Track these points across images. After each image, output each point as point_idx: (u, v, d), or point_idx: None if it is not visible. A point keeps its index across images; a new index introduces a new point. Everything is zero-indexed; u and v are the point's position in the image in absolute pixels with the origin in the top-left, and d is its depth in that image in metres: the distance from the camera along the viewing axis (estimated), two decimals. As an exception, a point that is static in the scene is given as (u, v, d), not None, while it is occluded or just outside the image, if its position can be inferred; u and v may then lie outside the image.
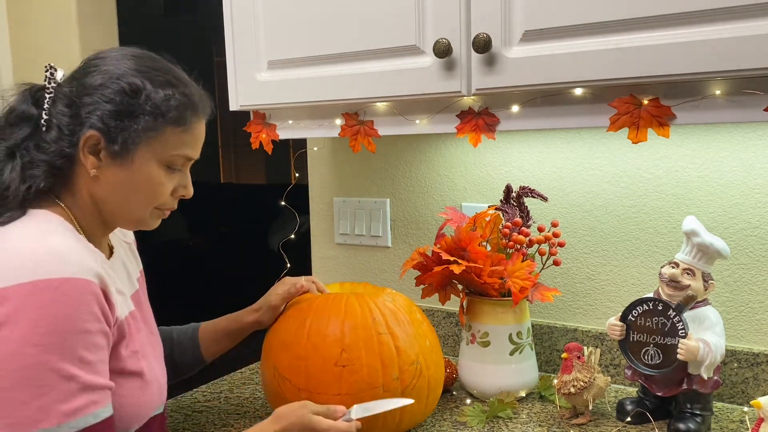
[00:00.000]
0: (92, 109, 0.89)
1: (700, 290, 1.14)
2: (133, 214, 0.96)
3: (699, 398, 1.15)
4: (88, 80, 0.91)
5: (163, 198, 0.96)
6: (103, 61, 0.93)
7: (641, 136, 1.01)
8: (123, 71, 0.91)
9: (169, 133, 0.92)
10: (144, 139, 0.91)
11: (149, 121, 0.90)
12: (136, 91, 0.90)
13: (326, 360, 1.08)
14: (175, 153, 0.94)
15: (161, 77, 0.93)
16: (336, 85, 1.24)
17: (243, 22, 1.33)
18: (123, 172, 0.91)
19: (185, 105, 0.94)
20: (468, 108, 1.15)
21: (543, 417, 1.25)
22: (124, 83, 0.90)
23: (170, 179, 0.96)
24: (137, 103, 0.90)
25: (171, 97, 0.92)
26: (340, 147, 1.69)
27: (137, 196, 0.94)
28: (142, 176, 0.92)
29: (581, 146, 1.40)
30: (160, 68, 0.95)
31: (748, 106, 0.93)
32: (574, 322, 1.46)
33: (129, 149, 0.90)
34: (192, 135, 0.96)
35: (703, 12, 0.91)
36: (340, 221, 1.71)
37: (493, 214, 1.35)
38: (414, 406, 1.11)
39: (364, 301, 1.15)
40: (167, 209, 0.99)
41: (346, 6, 1.20)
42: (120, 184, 0.92)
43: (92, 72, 0.92)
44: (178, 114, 0.92)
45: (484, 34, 1.05)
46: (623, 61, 0.97)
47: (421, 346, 1.14)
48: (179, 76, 0.96)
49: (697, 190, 1.30)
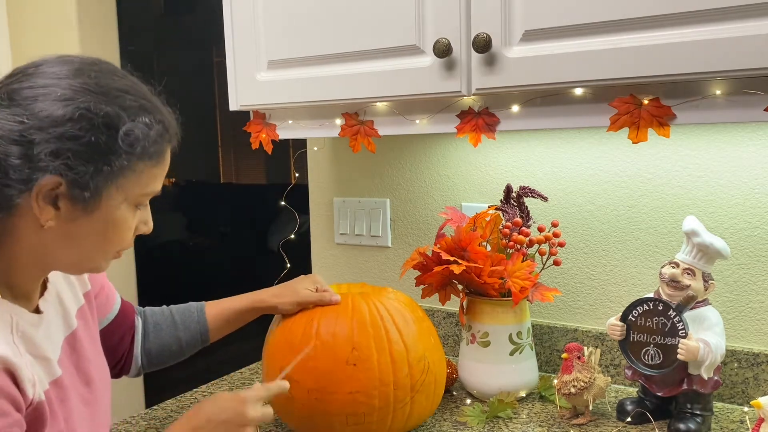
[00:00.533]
0: (53, 149, 0.72)
1: (700, 290, 1.14)
2: (90, 262, 0.82)
3: (699, 398, 1.15)
4: (38, 107, 0.72)
5: (127, 241, 0.84)
6: (51, 79, 0.74)
7: (641, 136, 1.01)
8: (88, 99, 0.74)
9: (141, 168, 0.79)
10: (114, 179, 0.76)
11: (126, 161, 0.76)
12: (112, 125, 0.74)
13: (337, 359, 1.08)
14: (146, 191, 0.82)
15: (135, 101, 0.78)
16: (336, 85, 1.24)
17: (243, 22, 1.33)
18: (89, 219, 0.77)
19: (162, 135, 0.80)
20: (468, 108, 1.15)
21: (543, 417, 1.25)
22: (95, 116, 0.73)
23: (134, 218, 0.83)
24: (114, 141, 0.74)
25: (151, 126, 0.78)
26: (340, 147, 1.69)
27: (102, 243, 0.80)
28: (110, 222, 0.79)
29: (581, 146, 1.40)
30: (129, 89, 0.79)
31: (748, 106, 0.93)
32: (574, 322, 1.46)
33: (99, 194, 0.76)
34: (163, 167, 0.83)
35: (703, 12, 0.91)
36: (340, 221, 1.71)
37: (493, 214, 1.35)
38: (423, 402, 1.13)
39: (370, 300, 1.15)
40: (125, 249, 0.86)
41: (346, 6, 1.20)
42: (83, 233, 0.78)
43: (40, 94, 0.73)
44: (156, 148, 0.79)
45: (484, 33, 1.05)
46: (623, 61, 0.97)
47: (426, 342, 1.15)
48: (149, 97, 0.82)
49: (697, 190, 1.30)
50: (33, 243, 0.78)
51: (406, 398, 1.10)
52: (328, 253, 1.76)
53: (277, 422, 1.25)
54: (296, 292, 1.17)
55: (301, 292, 1.17)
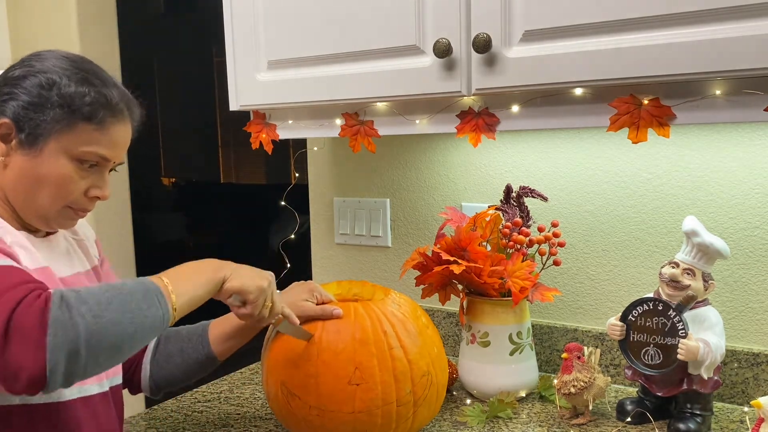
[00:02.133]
0: (8, 98, 0.92)
1: (700, 290, 1.14)
2: (39, 208, 0.95)
3: (699, 398, 1.15)
4: (13, 73, 0.94)
5: (72, 195, 0.95)
6: (37, 58, 0.95)
7: (641, 136, 1.01)
8: (47, 68, 0.93)
9: (81, 128, 0.93)
10: (54, 131, 0.92)
11: (59, 114, 0.92)
12: (51, 84, 0.92)
13: (339, 378, 1.05)
14: (86, 149, 0.94)
15: (81, 75, 0.94)
16: (336, 85, 1.24)
17: (243, 22, 1.33)
18: (30, 161, 0.93)
19: (100, 103, 0.94)
20: (468, 108, 1.15)
21: (543, 417, 1.25)
22: (42, 77, 0.92)
23: (82, 177, 0.95)
24: (50, 95, 0.92)
25: (85, 94, 0.93)
26: (340, 147, 1.69)
27: (44, 188, 0.94)
28: (49, 168, 0.93)
29: (581, 146, 1.40)
30: (85, 68, 0.96)
31: (748, 106, 0.93)
32: (574, 322, 1.46)
33: (38, 140, 0.92)
34: (107, 135, 0.96)
35: (703, 12, 0.91)
36: (340, 221, 1.71)
37: (493, 214, 1.35)
38: (425, 413, 1.12)
39: (372, 311, 1.11)
40: (80, 209, 0.98)
41: (346, 6, 1.20)
42: (27, 175, 0.93)
43: (20, 67, 0.95)
44: (91, 110, 0.93)
45: (484, 34, 1.05)
46: (623, 61, 0.97)
47: (430, 354, 1.11)
48: (104, 78, 0.97)
49: (697, 190, 1.30)
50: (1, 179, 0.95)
51: (408, 414, 1.08)
52: (328, 253, 1.76)
53: (276, 421, 1.25)
54: (297, 305, 1.12)
55: (303, 305, 1.12)
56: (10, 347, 0.73)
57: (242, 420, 1.26)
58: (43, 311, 0.75)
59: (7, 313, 0.74)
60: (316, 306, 1.12)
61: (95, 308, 0.77)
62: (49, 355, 0.73)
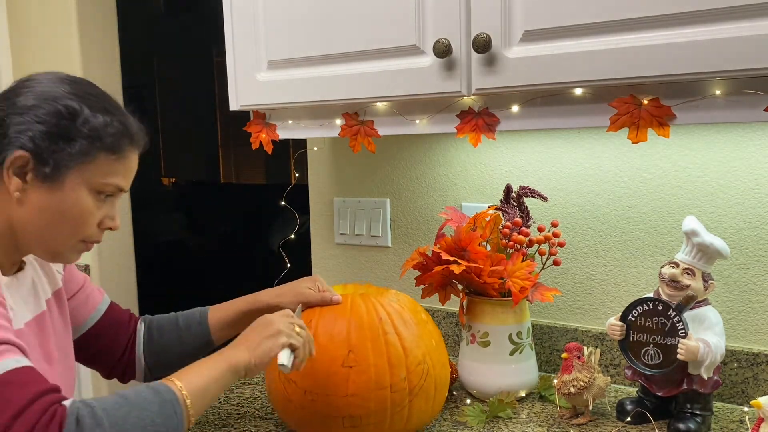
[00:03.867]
0: (23, 129, 0.86)
1: (700, 290, 1.14)
2: (54, 243, 0.92)
3: (699, 398, 1.15)
4: (20, 100, 0.88)
5: (90, 229, 0.93)
6: (38, 83, 0.90)
7: (641, 136, 1.01)
8: (59, 94, 0.89)
9: (102, 159, 0.91)
10: (77, 163, 0.89)
11: (84, 145, 0.88)
12: (74, 113, 0.88)
13: (333, 361, 1.07)
14: (106, 181, 0.92)
15: (98, 103, 0.92)
16: (336, 85, 1.24)
17: (243, 22, 1.33)
18: (51, 196, 0.88)
19: (122, 133, 0.92)
20: (468, 108, 1.15)
21: (543, 417, 1.25)
22: (60, 105, 0.88)
23: (98, 208, 0.93)
24: (74, 126, 0.88)
25: (109, 123, 0.91)
26: (340, 147, 1.69)
27: (63, 224, 0.90)
28: (71, 202, 0.89)
29: (581, 146, 1.40)
30: (97, 94, 0.93)
31: (748, 106, 0.93)
32: (574, 322, 1.46)
33: (60, 172, 0.88)
34: (124, 164, 0.94)
35: (703, 12, 0.91)
36: (340, 221, 1.72)
37: (493, 214, 1.35)
38: (422, 406, 1.12)
39: (370, 301, 1.14)
40: (92, 242, 0.96)
41: (346, 6, 1.20)
42: (46, 210, 0.89)
43: (25, 92, 0.89)
44: (114, 141, 0.91)
45: (484, 34, 1.05)
46: (623, 61, 0.97)
47: (427, 345, 1.13)
48: (116, 105, 0.95)
49: (697, 190, 1.30)
50: (6, 215, 0.90)
51: (403, 402, 1.09)
52: (328, 253, 1.76)
53: (276, 421, 1.25)
54: (298, 291, 1.17)
55: (304, 291, 1.17)
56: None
57: (242, 420, 1.26)
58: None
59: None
60: (316, 293, 1.16)
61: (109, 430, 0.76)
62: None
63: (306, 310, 1.16)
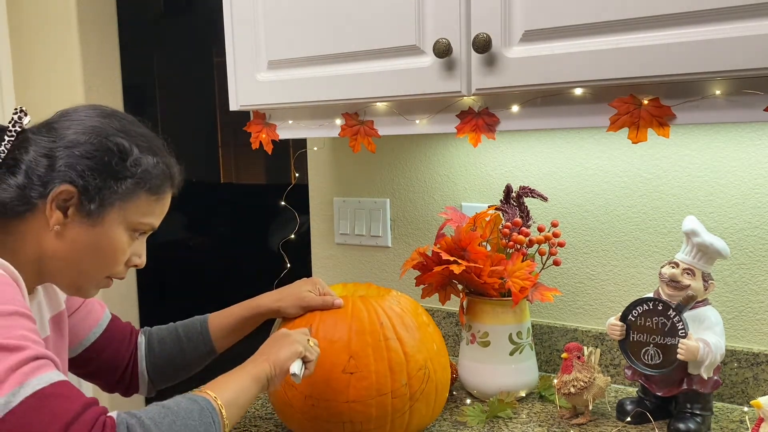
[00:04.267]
0: (72, 162, 0.86)
1: (700, 290, 1.14)
2: (83, 277, 0.92)
3: (699, 398, 1.15)
4: (69, 133, 0.88)
5: (119, 266, 0.94)
6: (87, 117, 0.90)
7: (641, 136, 1.01)
8: (110, 131, 0.89)
9: (144, 199, 0.92)
10: (119, 201, 0.89)
11: (131, 185, 0.89)
12: (124, 152, 0.89)
13: (334, 367, 1.06)
14: (143, 221, 0.93)
15: (146, 143, 0.92)
16: (336, 85, 1.24)
17: (243, 22, 1.33)
18: (89, 232, 0.89)
19: (166, 175, 0.94)
20: (468, 108, 1.15)
21: (543, 417, 1.25)
22: (111, 142, 0.88)
23: (130, 246, 0.94)
24: (124, 166, 0.89)
25: (156, 165, 0.92)
26: (340, 147, 1.69)
27: (96, 260, 0.91)
28: (107, 239, 0.90)
29: (581, 146, 1.40)
30: (144, 134, 0.94)
31: (748, 106, 0.93)
32: (574, 322, 1.46)
33: (105, 210, 0.88)
34: (162, 205, 0.95)
35: (703, 12, 0.91)
36: (340, 221, 1.72)
37: (493, 214, 1.35)
38: (423, 410, 1.11)
39: (370, 305, 1.12)
40: (116, 278, 0.96)
41: (346, 6, 1.20)
42: (82, 245, 0.89)
43: (74, 125, 0.89)
44: (158, 183, 0.92)
45: (484, 34, 1.05)
46: (623, 61, 0.97)
47: (428, 350, 1.12)
48: (161, 146, 0.96)
49: (697, 190, 1.30)
50: (38, 244, 0.88)
51: (404, 407, 1.08)
52: (328, 253, 1.76)
53: (276, 422, 1.25)
54: (299, 295, 1.15)
55: (305, 295, 1.15)
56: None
57: (242, 420, 1.26)
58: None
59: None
60: (317, 296, 1.15)
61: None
62: None
63: (306, 314, 1.14)
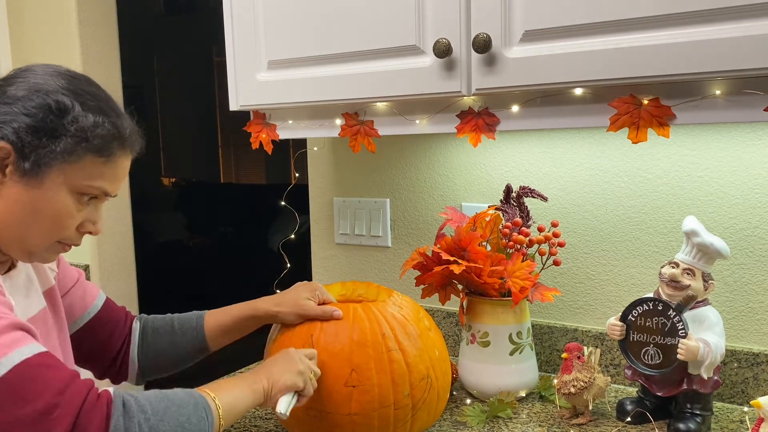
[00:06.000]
0: (8, 119, 0.83)
1: (700, 290, 1.14)
2: (29, 242, 0.88)
3: (699, 398, 1.15)
4: (11, 89, 0.85)
5: (67, 231, 0.89)
6: (33, 74, 0.86)
7: (641, 136, 1.01)
8: (52, 87, 0.85)
9: (89, 161, 0.87)
10: (59, 162, 0.85)
11: (70, 144, 0.85)
12: (63, 110, 0.84)
13: (336, 380, 1.04)
14: (91, 183, 0.88)
15: (93, 102, 0.87)
16: (336, 85, 1.24)
17: (243, 22, 1.33)
18: (28, 192, 0.85)
19: (113, 135, 0.88)
20: (468, 108, 1.15)
21: (543, 417, 1.25)
22: (51, 100, 0.84)
23: (78, 211, 0.89)
24: (61, 123, 0.84)
25: (100, 124, 0.86)
26: (340, 147, 1.69)
27: (39, 222, 0.86)
28: (48, 202, 0.86)
29: (581, 146, 1.40)
30: (94, 94, 0.89)
31: (748, 106, 0.93)
32: (574, 322, 1.46)
33: (41, 169, 0.84)
34: (113, 168, 0.90)
35: (703, 12, 0.91)
36: (340, 221, 1.72)
37: (493, 214, 1.35)
38: (424, 417, 1.11)
39: (372, 313, 1.10)
40: (69, 244, 0.92)
41: (346, 6, 1.20)
42: (22, 206, 0.85)
43: (18, 82, 0.85)
44: (103, 143, 0.87)
45: (484, 34, 1.05)
46: (623, 61, 0.97)
47: (431, 357, 1.10)
48: (113, 106, 0.91)
49: (697, 190, 1.30)
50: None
51: (406, 417, 1.08)
52: (328, 253, 1.76)
53: (276, 423, 1.25)
54: (298, 303, 1.13)
55: (304, 304, 1.12)
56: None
57: (242, 420, 1.26)
58: (107, 418, 0.74)
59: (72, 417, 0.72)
60: (316, 306, 1.12)
61: (152, 419, 0.77)
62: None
63: (306, 323, 1.12)
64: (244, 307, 1.18)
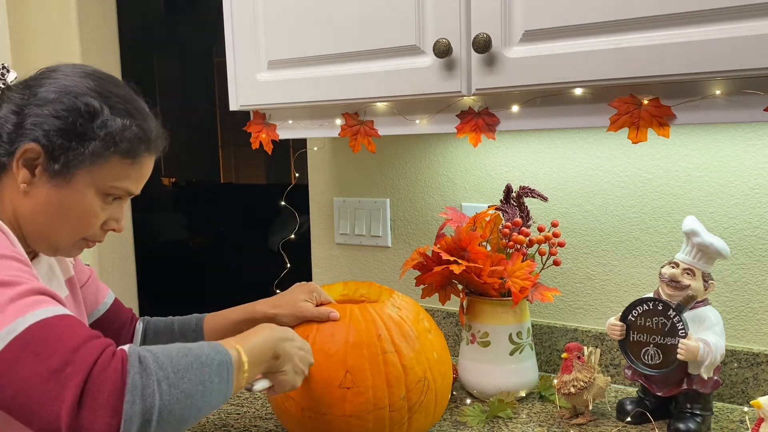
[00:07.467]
0: (39, 121, 0.85)
1: (700, 290, 1.14)
2: (55, 239, 0.91)
3: (699, 398, 1.15)
4: (41, 91, 0.87)
5: (92, 229, 0.92)
6: (63, 75, 0.89)
7: (641, 136, 1.01)
8: (82, 90, 0.87)
9: (116, 163, 0.90)
10: (87, 164, 0.87)
11: (98, 148, 0.87)
12: (93, 113, 0.87)
13: (330, 382, 1.04)
14: (116, 184, 0.91)
15: (121, 105, 0.90)
16: (336, 85, 1.24)
17: (243, 22, 1.33)
18: (56, 193, 0.88)
19: (140, 138, 0.91)
20: (468, 108, 1.15)
21: (543, 417, 1.25)
22: (81, 102, 0.86)
23: (103, 209, 0.92)
24: (90, 127, 0.87)
25: (127, 127, 0.89)
26: (340, 147, 1.69)
27: (66, 221, 0.89)
28: (75, 201, 0.89)
29: (581, 146, 1.40)
30: (122, 95, 0.91)
31: (748, 106, 0.93)
32: (574, 322, 1.46)
33: (69, 171, 0.87)
34: (139, 170, 0.93)
35: (703, 12, 0.91)
36: (340, 221, 1.72)
37: (493, 214, 1.35)
38: (421, 419, 1.10)
39: (369, 314, 1.09)
40: (93, 241, 0.95)
41: (346, 6, 1.20)
42: (50, 205, 0.88)
43: (48, 83, 0.88)
44: (130, 146, 0.90)
45: (484, 34, 1.05)
46: (623, 61, 0.97)
47: (428, 360, 1.09)
48: (140, 108, 0.94)
49: (697, 190, 1.30)
50: (12, 203, 0.89)
51: (402, 419, 1.07)
52: (328, 253, 1.76)
53: (276, 422, 1.25)
54: (296, 305, 1.13)
55: (301, 305, 1.13)
56: (84, 412, 0.68)
57: (242, 420, 1.26)
58: (122, 375, 0.70)
59: (83, 374, 0.69)
60: (313, 308, 1.13)
61: (172, 376, 0.73)
62: (123, 425, 0.69)
63: (302, 323, 1.12)
64: (243, 310, 1.18)
